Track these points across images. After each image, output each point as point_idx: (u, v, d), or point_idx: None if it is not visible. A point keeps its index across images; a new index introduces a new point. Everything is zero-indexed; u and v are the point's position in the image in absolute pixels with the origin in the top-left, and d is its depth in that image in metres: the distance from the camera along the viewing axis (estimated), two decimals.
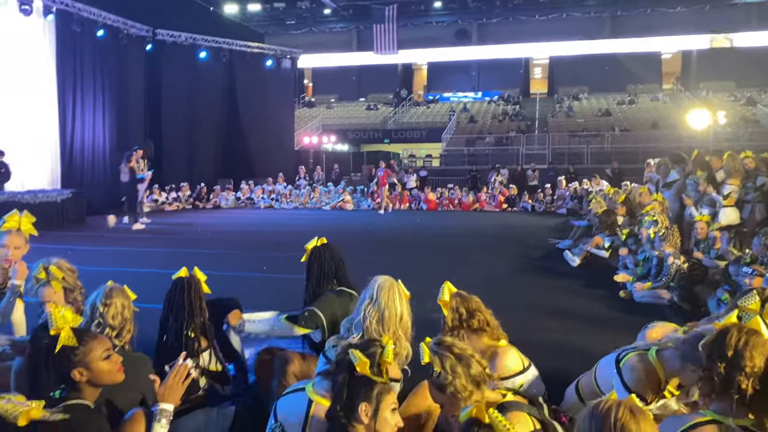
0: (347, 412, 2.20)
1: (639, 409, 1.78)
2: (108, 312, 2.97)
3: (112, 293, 3.04)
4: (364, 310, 2.95)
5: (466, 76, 41.56)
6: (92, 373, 2.23)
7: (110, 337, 2.93)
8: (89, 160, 18.38)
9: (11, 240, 3.83)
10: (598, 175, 20.42)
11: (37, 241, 11.38)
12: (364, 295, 3.03)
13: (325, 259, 3.71)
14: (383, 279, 3.06)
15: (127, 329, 3.04)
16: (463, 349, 2.42)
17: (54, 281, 3.26)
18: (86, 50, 18.11)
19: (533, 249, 10.95)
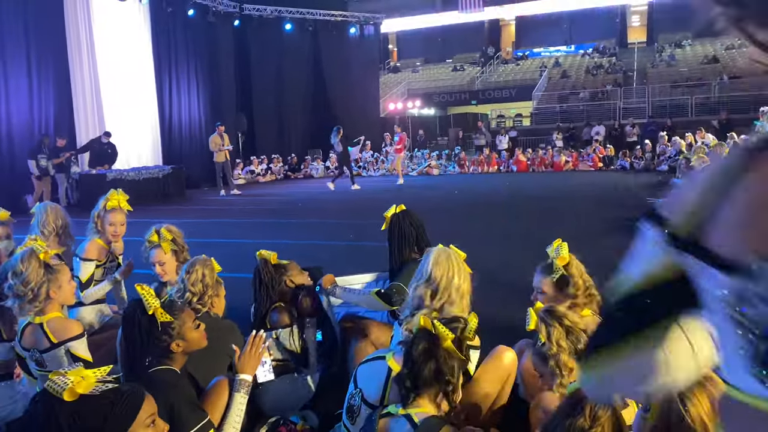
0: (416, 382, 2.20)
1: None
2: (189, 279, 3.11)
3: (195, 263, 3.18)
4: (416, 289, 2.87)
5: (558, 29, 39.62)
6: (187, 343, 2.38)
7: (191, 302, 3.07)
8: (187, 136, 19.32)
9: (117, 217, 4.10)
10: (703, 128, 19.00)
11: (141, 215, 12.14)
12: (421, 267, 2.94)
13: (405, 225, 3.68)
14: (436, 252, 2.95)
15: (209, 295, 3.16)
16: (575, 323, 2.31)
17: (164, 242, 3.46)
18: (178, 30, 18.87)
19: (629, 209, 10.40)
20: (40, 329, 2.72)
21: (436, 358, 2.22)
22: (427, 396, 2.22)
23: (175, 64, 18.84)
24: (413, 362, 2.23)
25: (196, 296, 3.11)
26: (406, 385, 2.22)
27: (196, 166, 18.50)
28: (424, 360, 2.22)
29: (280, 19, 22.59)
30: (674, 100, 25.89)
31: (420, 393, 2.22)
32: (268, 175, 21.25)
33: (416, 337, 2.30)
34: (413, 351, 2.25)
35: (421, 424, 2.11)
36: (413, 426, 2.12)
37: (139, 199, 13.81)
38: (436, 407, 2.22)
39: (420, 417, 2.13)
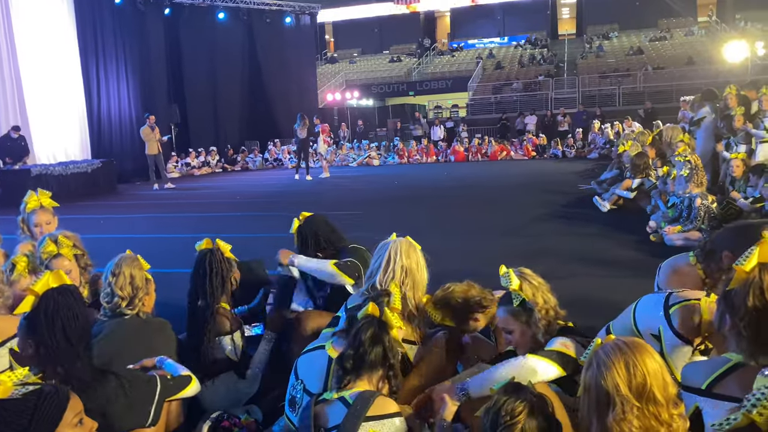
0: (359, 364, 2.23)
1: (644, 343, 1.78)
2: (116, 282, 2.98)
3: (121, 263, 3.03)
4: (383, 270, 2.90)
5: (491, 21, 40.36)
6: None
7: (120, 306, 2.94)
8: (117, 128, 18.61)
9: (40, 217, 4.02)
10: (629, 117, 19.80)
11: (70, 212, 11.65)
12: (378, 259, 2.96)
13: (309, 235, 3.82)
14: (394, 240, 2.99)
15: (139, 298, 3.04)
16: (541, 282, 2.60)
17: (65, 249, 3.31)
18: (105, 18, 18.11)
19: (562, 196, 10.77)
20: None
21: (383, 343, 2.26)
22: (367, 378, 2.24)
23: (102, 54, 18.08)
24: (359, 345, 2.25)
25: (126, 300, 2.98)
26: (347, 365, 2.24)
27: (128, 160, 17.86)
28: (371, 344, 2.25)
29: (213, 7, 22.03)
30: (603, 90, 26.88)
31: (360, 375, 2.24)
32: (203, 168, 20.77)
33: (364, 322, 2.32)
34: (360, 335, 2.26)
35: (354, 400, 2.13)
36: (347, 406, 2.13)
37: (68, 194, 13.25)
38: (372, 387, 2.24)
39: (352, 395, 2.16)
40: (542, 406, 1.83)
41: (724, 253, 2.73)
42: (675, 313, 2.54)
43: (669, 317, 2.56)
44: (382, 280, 2.87)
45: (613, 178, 9.88)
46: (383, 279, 2.87)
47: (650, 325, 2.64)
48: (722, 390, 1.88)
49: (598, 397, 1.72)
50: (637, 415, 1.67)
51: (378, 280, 2.89)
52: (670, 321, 2.55)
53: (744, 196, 7.07)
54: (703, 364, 2.10)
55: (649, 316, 2.68)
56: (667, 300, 2.63)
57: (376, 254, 2.99)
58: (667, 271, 3.11)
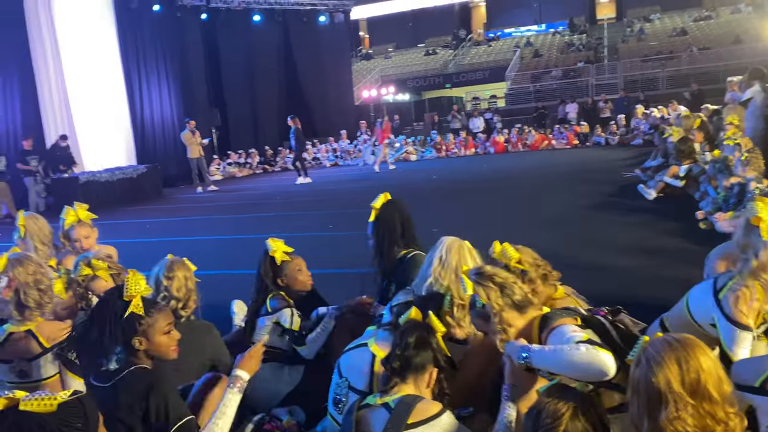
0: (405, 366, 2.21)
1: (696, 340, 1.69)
2: (172, 285, 3.07)
3: (174, 266, 3.12)
4: (434, 273, 2.87)
5: (528, 9, 39.63)
6: (151, 344, 2.31)
7: (176, 309, 3.03)
8: (160, 133, 19.05)
9: (78, 232, 4.11)
10: (675, 101, 19.19)
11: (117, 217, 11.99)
12: (431, 257, 2.93)
13: (394, 217, 3.54)
14: (451, 240, 2.96)
15: (192, 299, 3.13)
16: (506, 278, 2.42)
17: (100, 272, 3.35)
18: (145, 26, 18.53)
19: (606, 185, 10.51)
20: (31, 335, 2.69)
21: (430, 346, 2.25)
22: (413, 382, 2.22)
23: (143, 61, 18.52)
24: (405, 347, 2.23)
25: (182, 302, 3.07)
26: (394, 366, 2.22)
27: (172, 164, 18.26)
28: (417, 347, 2.23)
29: (249, 10, 22.28)
30: (645, 74, 26.09)
31: (406, 378, 2.21)
32: (245, 170, 21.08)
33: (408, 326, 2.31)
34: (406, 338, 2.25)
35: (396, 405, 2.11)
36: (390, 412, 2.11)
37: (115, 200, 13.67)
38: (417, 391, 2.22)
39: (395, 401, 2.14)
40: (588, 409, 1.77)
41: None
42: (725, 297, 2.44)
43: (720, 303, 2.45)
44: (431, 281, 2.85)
45: (659, 165, 9.59)
46: (432, 280, 2.85)
47: (706, 315, 2.54)
48: None
49: (649, 396, 1.65)
50: (691, 414, 1.60)
51: (428, 282, 2.86)
52: (721, 307, 2.44)
53: None
54: (756, 360, 2.01)
55: (702, 306, 2.58)
56: (715, 284, 2.53)
57: (428, 256, 2.97)
58: (715, 260, 3.00)
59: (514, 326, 2.35)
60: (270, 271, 3.43)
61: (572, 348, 2.05)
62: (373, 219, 3.57)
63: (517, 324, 2.36)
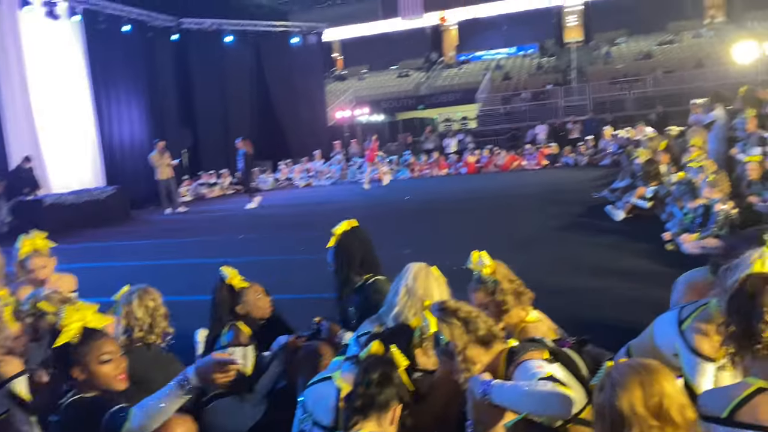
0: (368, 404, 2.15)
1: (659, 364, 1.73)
2: (135, 313, 2.97)
3: (139, 295, 3.04)
4: (401, 303, 2.83)
5: (497, 32, 40.31)
6: (90, 374, 2.22)
7: (140, 338, 2.93)
8: (129, 155, 18.77)
9: (34, 262, 3.94)
10: (641, 122, 19.62)
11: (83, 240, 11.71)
12: (397, 285, 2.90)
13: (353, 245, 3.51)
14: (417, 267, 2.92)
15: (160, 327, 3.04)
16: (469, 312, 2.38)
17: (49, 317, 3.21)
18: (115, 47, 18.34)
19: (575, 205, 10.64)
20: None
21: (392, 383, 2.20)
22: (375, 419, 2.17)
23: (112, 82, 18.30)
24: (367, 385, 2.18)
25: (143, 331, 2.98)
26: (355, 405, 2.16)
27: (141, 186, 17.96)
28: (380, 385, 2.17)
29: (220, 32, 22.25)
30: (613, 96, 26.70)
31: (368, 416, 2.16)
32: (216, 190, 20.87)
33: (371, 362, 2.26)
34: (368, 374, 2.19)
35: None
36: None
37: (82, 223, 13.36)
38: (380, 428, 2.17)
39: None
40: None
41: None
42: (688, 329, 2.45)
43: (683, 334, 2.46)
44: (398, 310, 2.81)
45: (626, 186, 9.74)
46: (399, 310, 2.81)
47: (670, 345, 2.55)
48: (745, 418, 1.78)
49: (613, 420, 1.65)
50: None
51: (395, 311, 2.83)
52: (685, 338, 2.45)
53: (762, 199, 6.92)
54: (721, 390, 2.00)
55: (666, 336, 2.59)
56: (679, 314, 2.54)
57: (394, 284, 2.93)
58: (683, 288, 3.02)
59: (479, 362, 2.30)
60: (227, 299, 3.34)
61: (532, 384, 2.04)
62: (333, 245, 3.54)
63: (483, 360, 2.31)
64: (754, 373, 1.88)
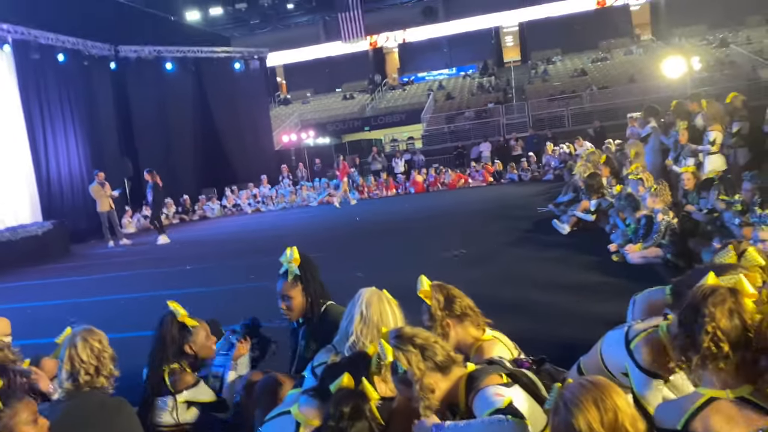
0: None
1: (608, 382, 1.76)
2: (80, 356, 2.82)
3: (83, 336, 2.88)
4: (356, 331, 2.78)
5: (438, 54, 41.20)
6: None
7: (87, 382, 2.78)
8: (68, 187, 18.07)
9: None
10: (580, 137, 20.28)
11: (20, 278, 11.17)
12: (351, 312, 2.84)
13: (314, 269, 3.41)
14: (369, 293, 2.87)
15: (107, 370, 2.89)
16: (426, 338, 2.34)
17: None
18: (49, 77, 17.74)
19: (522, 220, 10.84)
20: None
21: (365, 416, 2.15)
22: None
23: (48, 113, 17.63)
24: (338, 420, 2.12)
25: (90, 376, 2.82)
26: None
27: (82, 219, 17.30)
28: (353, 419, 2.13)
29: (160, 59, 21.85)
30: (552, 113, 27.54)
31: None
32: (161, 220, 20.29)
33: (342, 395, 2.20)
34: (340, 410, 2.14)
35: None
36: None
37: (18, 260, 12.76)
38: None
39: None
40: None
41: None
42: (636, 347, 2.50)
43: (632, 353, 2.52)
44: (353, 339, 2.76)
45: (570, 200, 10.00)
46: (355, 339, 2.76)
47: (618, 364, 2.60)
48: (698, 428, 1.82)
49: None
50: None
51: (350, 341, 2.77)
52: (633, 357, 2.51)
53: (698, 208, 7.21)
54: (674, 403, 2.05)
55: (614, 355, 2.64)
56: (627, 335, 2.60)
57: (347, 311, 2.88)
58: (642, 306, 3.09)
59: (438, 389, 2.27)
60: (178, 337, 3.20)
61: (485, 421, 2.03)
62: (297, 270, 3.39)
63: (441, 386, 2.28)
64: (705, 383, 1.92)
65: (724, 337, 1.85)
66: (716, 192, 6.70)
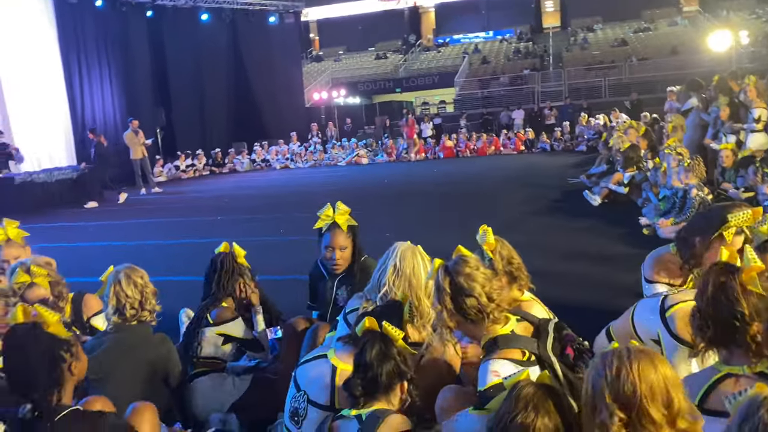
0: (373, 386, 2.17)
1: (650, 352, 1.63)
2: (125, 291, 2.94)
3: (126, 273, 3.00)
4: (389, 282, 2.83)
5: (476, 16, 40.31)
6: (80, 365, 2.15)
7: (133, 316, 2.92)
8: (102, 133, 18.30)
9: (7, 252, 3.85)
10: (616, 109, 19.85)
11: (56, 219, 11.49)
12: (385, 264, 2.90)
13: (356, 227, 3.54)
14: (404, 246, 2.92)
15: (150, 304, 3.02)
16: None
17: (38, 279, 3.21)
18: (87, 22, 17.88)
19: (552, 190, 10.75)
20: None
21: (393, 358, 2.18)
22: (383, 397, 2.18)
23: (85, 59, 17.83)
24: (367, 366, 2.16)
25: (135, 310, 2.95)
26: (357, 392, 2.16)
27: (114, 165, 17.64)
28: (380, 363, 2.16)
29: (196, 9, 21.79)
30: (588, 83, 26.92)
31: (376, 396, 2.17)
32: (190, 171, 20.59)
33: (366, 340, 2.23)
34: (367, 355, 2.18)
35: (366, 419, 2.08)
36: (360, 424, 2.10)
37: (53, 202, 13.09)
38: (389, 404, 2.19)
39: (367, 415, 2.11)
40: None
41: (696, 239, 2.80)
42: (672, 316, 2.52)
43: (666, 321, 2.54)
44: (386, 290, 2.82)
45: (603, 172, 9.87)
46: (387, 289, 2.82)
47: (649, 331, 2.62)
48: (712, 405, 1.82)
49: (587, 402, 1.64)
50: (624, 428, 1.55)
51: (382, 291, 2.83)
52: (667, 325, 2.53)
53: (735, 186, 7.08)
54: (692, 378, 2.05)
55: (647, 322, 2.67)
56: (662, 304, 2.61)
57: (381, 262, 2.95)
58: (650, 262, 3.15)
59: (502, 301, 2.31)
60: (233, 274, 3.39)
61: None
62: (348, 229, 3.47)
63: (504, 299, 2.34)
64: (724, 359, 1.92)
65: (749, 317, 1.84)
66: (755, 170, 6.56)
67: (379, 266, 2.94)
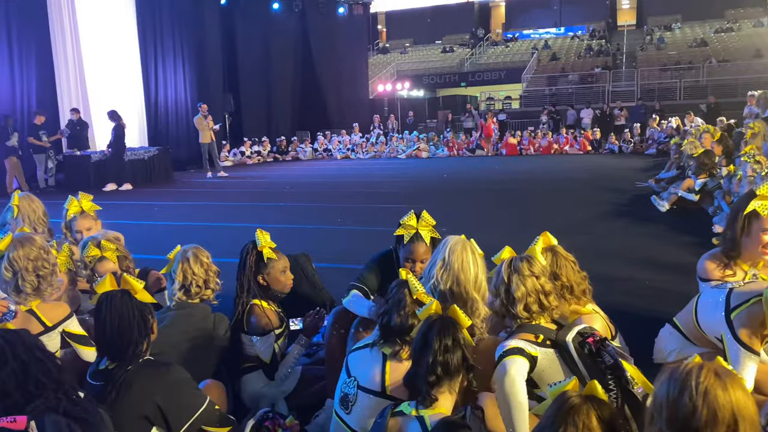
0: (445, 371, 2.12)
1: (727, 372, 1.50)
2: (192, 269, 3.04)
3: (194, 252, 3.10)
4: (437, 275, 2.82)
5: (547, 11, 39.44)
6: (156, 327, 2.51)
7: (197, 294, 3.02)
8: (173, 116, 19.03)
9: (81, 223, 4.02)
10: (691, 112, 19.03)
11: (129, 197, 11.97)
12: (435, 257, 2.88)
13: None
14: (455, 240, 2.89)
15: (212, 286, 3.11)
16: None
17: (108, 252, 3.35)
18: (164, 8, 18.51)
19: (618, 193, 10.43)
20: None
21: (461, 345, 2.13)
22: (447, 386, 2.12)
23: (160, 44, 18.50)
24: (437, 353, 2.09)
25: (201, 288, 3.04)
26: (431, 379, 2.09)
27: (183, 148, 18.28)
28: (452, 349, 2.11)
29: None
30: (663, 84, 25.93)
31: (443, 384, 2.11)
32: (255, 158, 21.07)
33: (440, 327, 2.16)
34: (436, 342, 2.11)
35: (432, 429, 2.01)
36: (424, 429, 2.03)
37: (125, 181, 13.63)
38: (453, 398, 2.15)
39: (432, 420, 2.04)
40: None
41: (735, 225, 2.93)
42: (737, 318, 2.41)
43: (731, 323, 2.42)
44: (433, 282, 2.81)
45: (672, 177, 9.48)
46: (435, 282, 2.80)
47: (714, 330, 2.55)
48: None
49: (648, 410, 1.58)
50: None
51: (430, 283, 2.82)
52: (732, 328, 2.41)
53: None
54: None
55: (710, 319, 2.58)
56: (728, 299, 2.48)
57: (432, 255, 2.94)
58: (703, 260, 3.16)
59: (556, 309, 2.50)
60: (254, 266, 3.27)
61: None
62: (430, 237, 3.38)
63: None
64: None
65: None
66: None
67: (431, 259, 2.93)
